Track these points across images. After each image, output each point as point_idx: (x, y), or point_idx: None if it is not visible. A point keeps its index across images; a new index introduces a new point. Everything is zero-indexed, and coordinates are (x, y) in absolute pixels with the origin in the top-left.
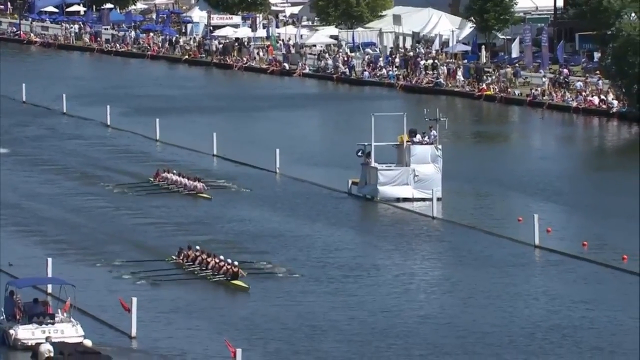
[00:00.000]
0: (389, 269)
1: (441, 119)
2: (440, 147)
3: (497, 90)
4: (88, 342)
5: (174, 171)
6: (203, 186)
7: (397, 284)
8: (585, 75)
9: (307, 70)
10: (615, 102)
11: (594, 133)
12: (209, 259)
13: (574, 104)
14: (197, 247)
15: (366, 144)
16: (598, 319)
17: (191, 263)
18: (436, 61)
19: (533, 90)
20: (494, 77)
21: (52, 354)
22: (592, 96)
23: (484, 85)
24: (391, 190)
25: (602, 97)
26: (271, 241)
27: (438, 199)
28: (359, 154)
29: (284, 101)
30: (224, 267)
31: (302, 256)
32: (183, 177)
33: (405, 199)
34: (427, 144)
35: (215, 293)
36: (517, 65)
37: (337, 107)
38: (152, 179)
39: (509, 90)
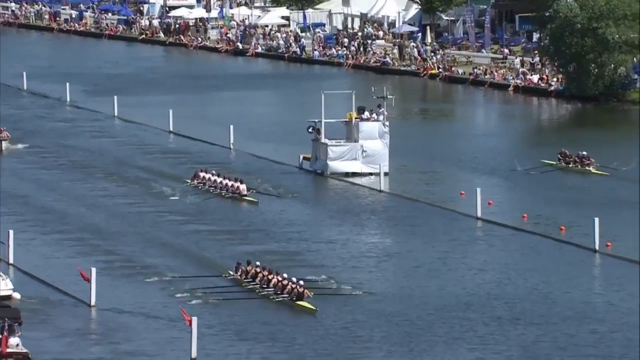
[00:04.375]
0: (338, 241)
1: (388, 96)
2: (387, 123)
3: (440, 69)
4: (17, 295)
5: (213, 171)
6: (245, 187)
7: (345, 255)
8: (524, 55)
9: (259, 50)
10: (554, 81)
11: (533, 110)
12: (270, 277)
13: (514, 82)
14: (258, 263)
15: (316, 120)
16: (539, 288)
17: (250, 280)
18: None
19: (475, 70)
20: (438, 57)
21: None
22: (532, 75)
23: (429, 65)
24: (340, 165)
25: (541, 76)
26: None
27: (385, 174)
28: (310, 130)
29: (238, 80)
30: (289, 287)
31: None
32: (224, 177)
33: (354, 174)
34: (375, 120)
35: (280, 314)
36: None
37: (288, 86)
38: (189, 181)
39: (453, 69)
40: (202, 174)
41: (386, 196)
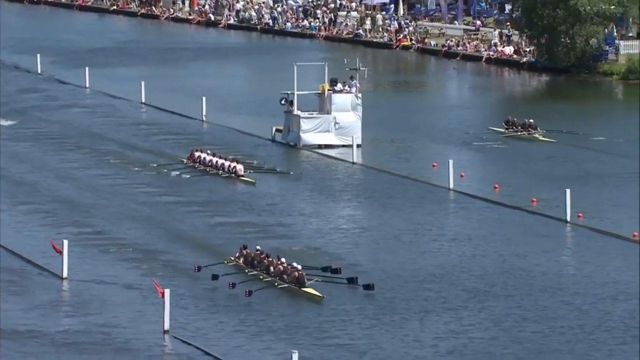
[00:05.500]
0: (311, 212)
1: (361, 68)
2: (360, 95)
3: (413, 41)
4: None
5: (208, 151)
6: (242, 168)
7: (318, 226)
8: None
9: (232, 22)
10: (526, 53)
11: (505, 82)
12: (270, 260)
13: (487, 54)
14: (258, 247)
15: (289, 92)
16: (512, 259)
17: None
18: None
19: (448, 41)
20: (410, 29)
21: None
22: (504, 47)
23: (402, 36)
24: (313, 137)
25: (514, 47)
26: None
27: (358, 146)
28: (282, 102)
29: (210, 52)
30: (290, 272)
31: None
32: (220, 157)
33: (327, 146)
34: (347, 92)
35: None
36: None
37: (261, 57)
38: (185, 160)
39: (425, 41)
40: (197, 154)
41: (359, 168)
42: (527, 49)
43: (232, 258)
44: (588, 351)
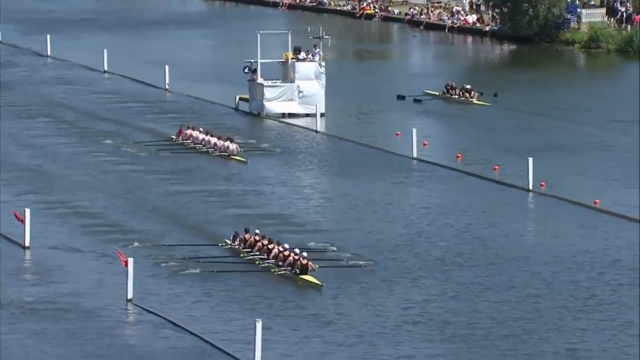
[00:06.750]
0: (276, 182)
1: (324, 37)
2: (323, 64)
3: (377, 9)
4: None
5: (200, 129)
6: (236, 147)
7: (282, 194)
8: None
9: None
10: (489, 21)
11: (468, 51)
12: (270, 246)
13: (450, 22)
14: (257, 231)
15: (252, 61)
16: (476, 228)
17: (249, 250)
18: None
19: (412, 10)
20: None
21: None
22: (467, 15)
23: (365, 5)
24: (277, 106)
25: (477, 16)
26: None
27: (321, 115)
28: (246, 70)
29: (173, 20)
30: (290, 258)
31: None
32: (212, 135)
33: (291, 114)
34: (311, 61)
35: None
36: None
37: (224, 26)
38: (174, 137)
39: (389, 9)
40: (187, 131)
41: (322, 137)
42: (490, 17)
43: (228, 241)
44: (554, 319)
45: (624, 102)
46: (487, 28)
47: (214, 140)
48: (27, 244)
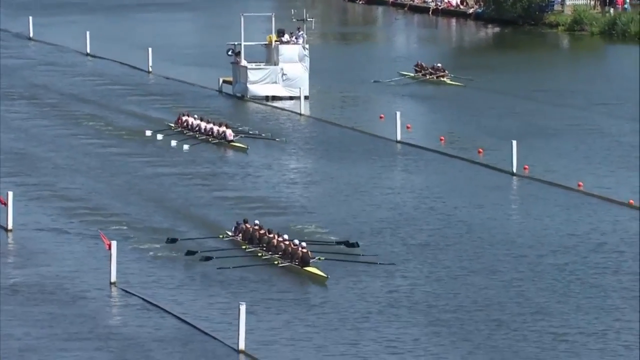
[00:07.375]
0: (260, 165)
1: (308, 19)
2: (307, 46)
3: None
4: None
5: (195, 115)
6: (231, 133)
7: (266, 177)
8: None
9: None
10: (472, 4)
11: (452, 34)
12: (271, 236)
13: (434, 5)
14: (257, 222)
15: (236, 43)
16: (460, 212)
17: (250, 244)
18: None
19: None
20: None
21: None
22: None
23: None
24: (260, 89)
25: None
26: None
27: (305, 97)
28: (229, 53)
29: (156, 2)
30: (291, 249)
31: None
32: (208, 122)
33: (274, 97)
34: (295, 44)
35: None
36: None
37: (207, 8)
38: (173, 125)
39: None
40: (184, 118)
41: (306, 120)
42: (474, 0)
43: (229, 233)
44: (540, 302)
45: (608, 85)
46: (471, 10)
47: (209, 126)
48: (10, 226)
